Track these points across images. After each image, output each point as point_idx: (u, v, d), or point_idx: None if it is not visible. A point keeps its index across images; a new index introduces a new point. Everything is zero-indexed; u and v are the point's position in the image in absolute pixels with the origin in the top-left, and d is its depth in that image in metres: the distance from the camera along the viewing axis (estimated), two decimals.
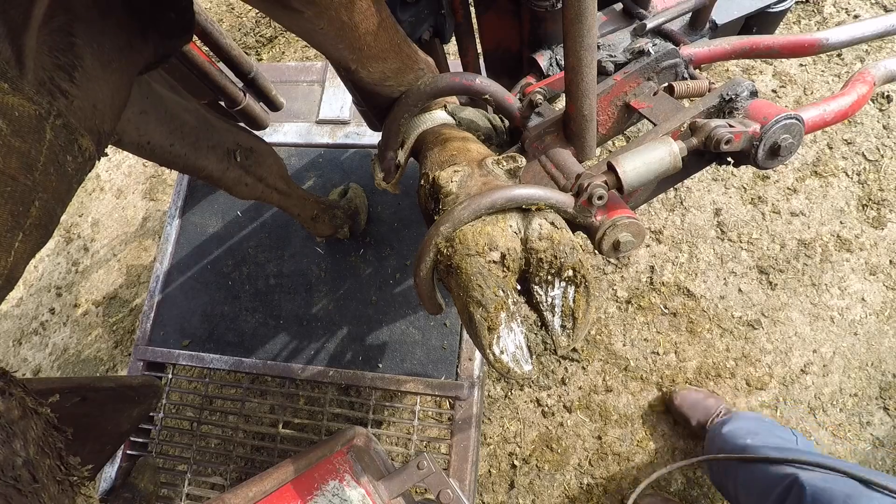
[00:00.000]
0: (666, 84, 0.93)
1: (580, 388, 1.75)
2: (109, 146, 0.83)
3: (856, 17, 2.03)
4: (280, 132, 1.98)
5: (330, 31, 0.74)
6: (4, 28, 0.52)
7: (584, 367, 1.77)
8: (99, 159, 0.71)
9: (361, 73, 0.86)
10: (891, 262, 1.74)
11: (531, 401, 1.77)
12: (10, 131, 0.51)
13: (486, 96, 0.92)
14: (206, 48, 1.52)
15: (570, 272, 0.69)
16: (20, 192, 0.54)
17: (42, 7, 0.56)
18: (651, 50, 0.94)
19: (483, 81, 0.91)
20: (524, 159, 0.82)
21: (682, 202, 1.90)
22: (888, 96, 1.91)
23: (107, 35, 0.67)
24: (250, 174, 1.27)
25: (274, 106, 1.88)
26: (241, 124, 1.56)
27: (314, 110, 1.99)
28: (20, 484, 0.50)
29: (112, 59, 0.68)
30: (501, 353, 0.68)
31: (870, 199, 1.80)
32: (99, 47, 0.66)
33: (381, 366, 1.65)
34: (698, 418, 1.56)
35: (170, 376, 1.78)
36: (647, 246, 1.86)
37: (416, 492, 1.53)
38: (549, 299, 0.71)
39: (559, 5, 0.93)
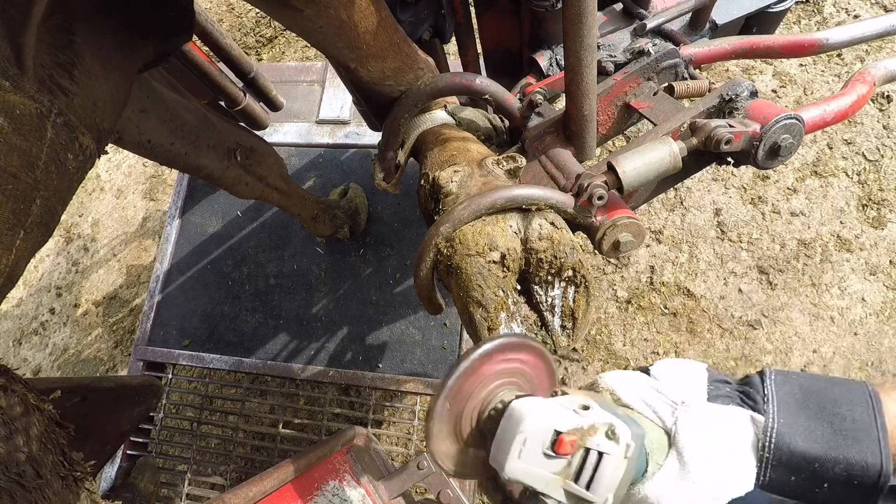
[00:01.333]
0: (666, 84, 0.93)
1: (580, 388, 1.75)
2: (110, 146, 0.83)
3: (856, 17, 2.03)
4: (280, 132, 1.98)
5: (329, 30, 0.74)
6: (4, 27, 0.52)
7: (584, 368, 1.77)
8: (99, 157, 0.71)
9: (361, 73, 0.86)
10: (891, 262, 1.73)
11: None
12: (11, 129, 0.51)
13: (486, 96, 0.92)
14: (206, 48, 1.52)
15: (570, 272, 0.69)
16: (22, 190, 0.54)
17: (41, 6, 0.56)
18: (651, 50, 0.94)
19: (483, 81, 0.91)
20: (524, 159, 0.82)
21: (682, 202, 1.89)
22: (888, 96, 1.91)
23: (107, 33, 0.67)
24: (250, 173, 1.27)
25: (274, 106, 1.88)
26: (242, 124, 1.56)
27: (314, 110, 1.99)
28: (24, 480, 0.50)
29: (112, 57, 0.68)
30: None
31: (870, 199, 1.80)
32: (98, 45, 0.66)
33: (381, 366, 1.65)
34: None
35: (170, 376, 1.78)
36: (647, 246, 1.86)
37: (416, 492, 1.53)
38: (549, 299, 0.71)
39: (559, 5, 0.93)
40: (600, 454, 0.46)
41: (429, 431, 0.53)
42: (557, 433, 0.47)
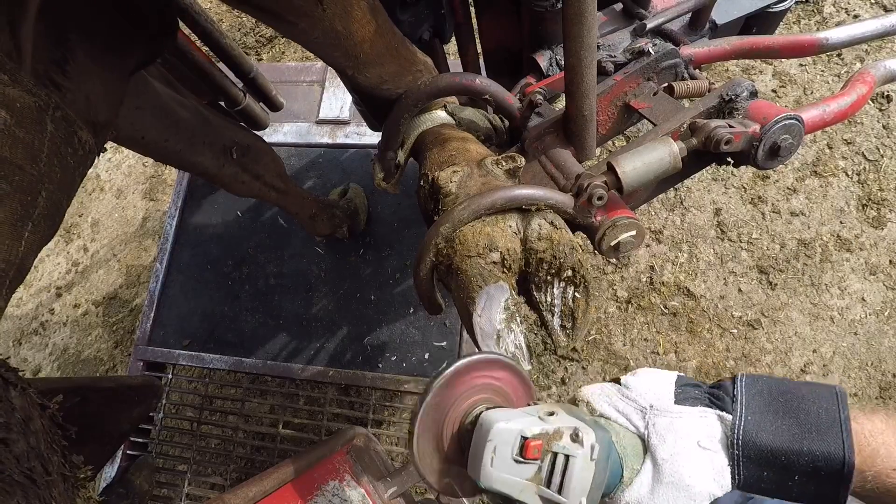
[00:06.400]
0: (666, 84, 0.93)
1: (580, 388, 1.75)
2: (110, 145, 0.83)
3: (856, 17, 2.03)
4: (280, 132, 1.98)
5: (325, 40, 0.75)
6: (4, 18, 0.52)
7: (584, 367, 1.77)
8: (99, 154, 0.72)
9: (359, 78, 0.86)
10: (891, 262, 1.73)
11: None
12: (13, 122, 0.52)
13: (486, 96, 0.92)
14: (206, 48, 1.52)
15: (570, 272, 0.69)
16: (28, 182, 0.55)
17: None
18: (651, 50, 0.94)
19: (483, 81, 0.91)
20: (524, 159, 0.82)
21: (682, 202, 1.89)
22: (888, 96, 1.91)
23: (98, 32, 0.68)
24: (247, 171, 1.27)
25: (274, 106, 1.87)
26: (240, 123, 1.56)
27: (314, 110, 1.99)
28: (35, 475, 0.50)
29: (104, 54, 0.69)
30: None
31: (870, 199, 1.80)
32: (91, 43, 0.66)
33: (381, 366, 1.65)
34: None
35: (170, 376, 1.78)
36: (647, 246, 1.86)
37: (416, 492, 1.53)
38: (549, 299, 0.71)
39: (559, 5, 0.93)
40: (567, 457, 0.48)
41: (412, 448, 0.54)
42: (524, 438, 0.49)
